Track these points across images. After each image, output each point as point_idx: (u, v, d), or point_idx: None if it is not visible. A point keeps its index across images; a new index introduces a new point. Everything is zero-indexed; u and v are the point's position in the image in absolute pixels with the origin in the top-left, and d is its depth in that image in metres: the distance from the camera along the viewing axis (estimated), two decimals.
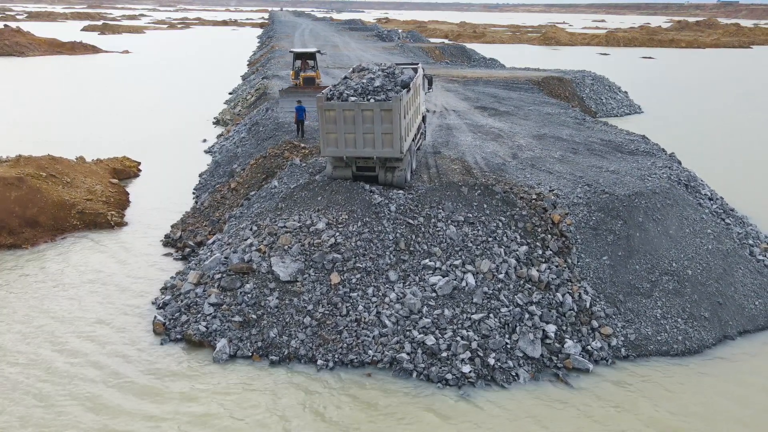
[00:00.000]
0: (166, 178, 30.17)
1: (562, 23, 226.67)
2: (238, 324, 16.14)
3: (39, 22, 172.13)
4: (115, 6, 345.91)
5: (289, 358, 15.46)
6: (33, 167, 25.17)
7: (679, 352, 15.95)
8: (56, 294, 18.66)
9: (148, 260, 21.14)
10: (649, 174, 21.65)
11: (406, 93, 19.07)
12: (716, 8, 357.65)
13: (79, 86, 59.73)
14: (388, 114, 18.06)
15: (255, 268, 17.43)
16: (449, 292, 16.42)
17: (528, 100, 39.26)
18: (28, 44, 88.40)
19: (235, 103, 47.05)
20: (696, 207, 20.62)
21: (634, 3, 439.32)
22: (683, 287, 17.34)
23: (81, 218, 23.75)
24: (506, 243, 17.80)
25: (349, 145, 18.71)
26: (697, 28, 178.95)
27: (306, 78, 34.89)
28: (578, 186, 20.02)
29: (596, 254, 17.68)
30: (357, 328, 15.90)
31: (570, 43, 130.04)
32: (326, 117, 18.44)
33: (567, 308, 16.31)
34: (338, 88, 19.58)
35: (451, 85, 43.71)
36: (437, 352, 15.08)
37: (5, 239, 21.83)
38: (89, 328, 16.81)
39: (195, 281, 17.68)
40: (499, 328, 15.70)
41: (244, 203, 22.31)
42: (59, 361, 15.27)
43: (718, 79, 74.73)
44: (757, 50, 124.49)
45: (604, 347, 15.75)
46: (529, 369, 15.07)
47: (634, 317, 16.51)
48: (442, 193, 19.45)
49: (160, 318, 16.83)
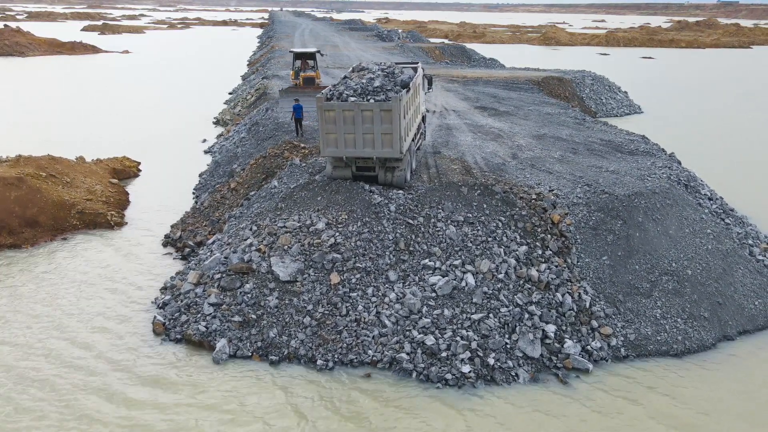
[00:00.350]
0: (166, 178, 30.18)
1: (562, 23, 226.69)
2: (237, 324, 16.15)
3: (39, 22, 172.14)
4: (115, 6, 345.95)
5: (288, 358, 15.46)
6: (33, 167, 25.18)
7: (678, 352, 15.95)
8: (56, 294, 18.66)
9: (147, 260, 21.15)
10: (649, 174, 21.65)
11: (406, 93, 19.07)
12: (716, 8, 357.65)
13: (79, 86, 59.74)
14: (388, 114, 18.06)
15: (255, 268, 17.44)
16: (449, 292, 16.42)
17: (528, 100, 39.27)
18: (28, 44, 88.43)
19: (235, 103, 47.05)
20: (696, 207, 20.62)
21: (633, 3, 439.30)
22: (683, 287, 17.35)
23: (81, 218, 23.76)
24: (506, 243, 17.81)
25: (349, 146, 18.71)
26: (697, 28, 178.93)
27: (306, 78, 34.90)
28: (578, 186, 20.03)
29: (596, 254, 17.68)
30: (357, 328, 15.91)
31: (570, 43, 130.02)
32: (326, 117, 18.43)
33: (567, 308, 16.31)
34: (338, 88, 19.57)
35: (451, 85, 43.71)
36: (437, 352, 15.08)
37: (5, 239, 21.84)
38: (89, 327, 16.81)
39: (195, 281, 17.69)
40: (499, 328, 15.70)
41: (244, 203, 22.32)
42: (57, 362, 15.27)
43: (718, 79, 74.73)
44: (757, 50, 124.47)
45: (603, 347, 15.75)
46: (529, 369, 15.07)
47: (633, 317, 16.51)
48: (441, 193, 19.46)
49: (159, 318, 16.84)
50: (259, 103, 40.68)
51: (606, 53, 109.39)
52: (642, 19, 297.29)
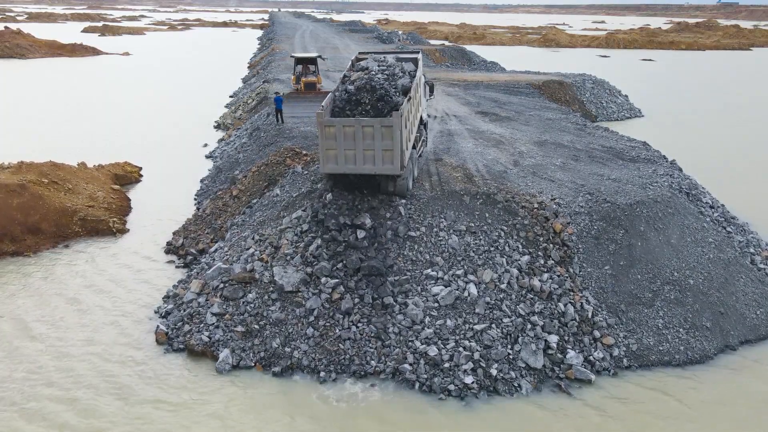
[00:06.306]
0: (168, 184, 30.19)
1: (562, 24, 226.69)
2: (240, 334, 16.17)
3: (39, 23, 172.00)
4: (115, 7, 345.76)
5: (291, 368, 15.48)
6: (35, 174, 25.20)
7: (681, 362, 15.99)
8: (57, 302, 18.67)
9: (149, 268, 21.16)
10: (651, 182, 21.67)
11: (407, 102, 18.85)
12: (716, 9, 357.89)
13: (80, 89, 59.70)
14: (389, 130, 17.62)
15: (257, 277, 17.46)
16: (451, 302, 16.44)
17: (529, 104, 39.29)
18: (28, 46, 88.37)
19: (236, 106, 47.03)
20: (697, 215, 20.65)
21: (633, 4, 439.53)
22: (685, 297, 17.38)
23: (83, 225, 23.77)
24: (508, 252, 17.83)
25: (349, 162, 18.22)
26: (697, 30, 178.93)
27: (307, 83, 34.94)
28: (580, 194, 20.04)
29: (598, 264, 17.71)
30: (359, 339, 15.92)
31: (570, 44, 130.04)
32: (326, 133, 17.91)
33: (569, 318, 16.34)
34: (338, 104, 18.98)
35: (452, 89, 43.72)
36: (440, 362, 15.11)
37: (7, 247, 21.84)
38: (90, 336, 16.83)
39: (197, 290, 17.71)
40: (502, 339, 15.73)
41: (246, 211, 22.34)
42: (58, 370, 15.29)
43: (718, 81, 74.75)
44: (757, 52, 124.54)
45: (606, 357, 15.78)
46: (532, 379, 15.10)
47: (635, 327, 16.54)
48: (444, 202, 19.49)
49: (162, 327, 16.87)
50: (260, 107, 40.68)
51: (606, 55, 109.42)
52: (642, 20, 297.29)
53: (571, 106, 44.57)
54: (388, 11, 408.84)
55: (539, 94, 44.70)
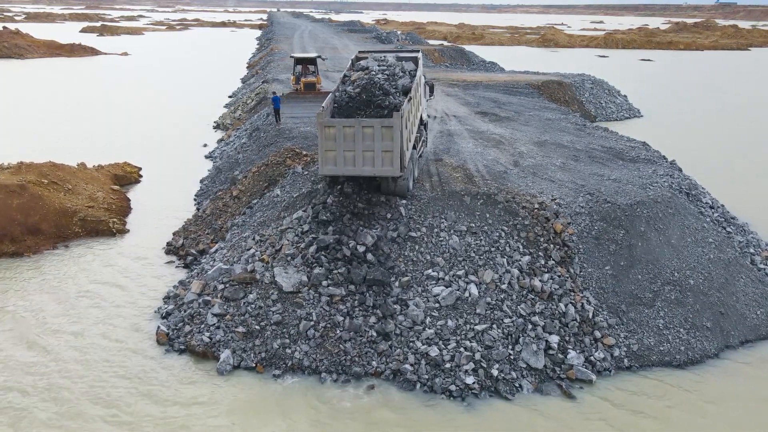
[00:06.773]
0: (167, 184, 30.17)
1: (561, 24, 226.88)
2: (241, 334, 16.16)
3: (37, 23, 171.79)
4: (113, 7, 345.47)
5: (292, 369, 15.46)
6: (34, 174, 25.16)
7: (681, 362, 16.00)
8: (57, 303, 18.64)
9: (150, 268, 21.14)
10: (651, 182, 21.69)
11: (407, 102, 18.85)
12: (714, 9, 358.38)
13: (79, 89, 59.65)
14: (389, 131, 17.47)
15: (258, 278, 17.46)
16: (452, 302, 16.45)
17: (528, 104, 39.32)
18: (27, 46, 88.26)
19: (236, 107, 47.02)
20: (697, 216, 20.68)
21: (631, 4, 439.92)
22: (685, 297, 17.40)
23: (83, 225, 23.75)
24: (509, 253, 17.84)
25: (348, 164, 17.99)
26: (695, 30, 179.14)
27: (307, 83, 34.93)
28: (580, 195, 20.06)
29: (598, 264, 17.73)
30: (360, 340, 15.92)
31: (569, 44, 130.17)
32: (325, 134, 17.71)
33: (570, 318, 16.35)
34: (338, 104, 18.90)
35: (451, 89, 43.73)
36: (441, 363, 15.11)
37: (7, 247, 21.81)
38: (91, 337, 16.81)
39: (198, 291, 17.70)
40: (503, 339, 15.74)
41: (246, 211, 22.33)
42: (58, 371, 15.27)
43: (716, 81, 74.86)
44: (755, 52, 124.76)
45: (606, 358, 15.80)
46: (533, 380, 15.11)
47: (636, 327, 16.56)
48: (444, 202, 19.49)
49: (163, 328, 16.86)
50: (259, 107, 40.68)
51: (605, 55, 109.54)
52: (640, 20, 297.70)
53: (571, 106, 44.62)
54: (386, 11, 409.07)
55: (538, 95, 44.73)
